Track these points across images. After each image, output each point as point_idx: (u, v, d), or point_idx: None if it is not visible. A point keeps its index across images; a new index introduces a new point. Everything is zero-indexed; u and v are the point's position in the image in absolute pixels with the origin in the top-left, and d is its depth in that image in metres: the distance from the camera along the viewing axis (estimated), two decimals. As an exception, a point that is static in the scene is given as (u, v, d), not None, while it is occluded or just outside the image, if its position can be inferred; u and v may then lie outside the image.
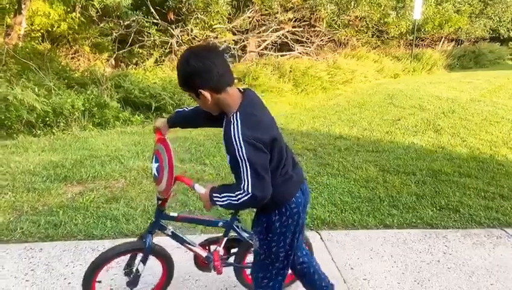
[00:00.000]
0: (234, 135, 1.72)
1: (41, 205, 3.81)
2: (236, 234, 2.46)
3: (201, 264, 2.48)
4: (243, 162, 1.72)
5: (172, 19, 10.37)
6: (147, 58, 10.15)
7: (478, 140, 6.51)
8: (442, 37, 18.63)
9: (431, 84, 11.68)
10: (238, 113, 1.79)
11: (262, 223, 1.99)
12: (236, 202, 1.78)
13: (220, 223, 2.44)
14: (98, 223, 3.51)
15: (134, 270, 2.31)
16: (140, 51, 10.65)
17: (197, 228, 3.45)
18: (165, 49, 10.33)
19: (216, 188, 1.89)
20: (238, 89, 1.91)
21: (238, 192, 1.76)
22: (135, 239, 2.40)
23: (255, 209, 2.05)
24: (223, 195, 1.82)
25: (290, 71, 10.20)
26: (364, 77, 12.27)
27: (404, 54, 15.57)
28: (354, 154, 5.69)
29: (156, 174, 2.19)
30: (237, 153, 1.71)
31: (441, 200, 4.28)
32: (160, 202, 2.23)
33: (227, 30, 10.98)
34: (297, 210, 1.99)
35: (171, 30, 10.25)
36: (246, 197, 1.74)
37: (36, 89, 6.50)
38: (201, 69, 1.75)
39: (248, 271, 2.59)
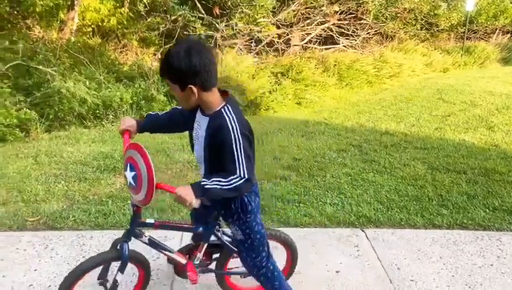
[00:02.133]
0: (232, 126, 1.84)
1: (91, 195, 3.95)
2: (217, 239, 2.37)
3: (182, 271, 2.40)
4: (239, 150, 1.82)
5: (217, 13, 10.43)
6: (192, 53, 10.27)
7: (536, 138, 6.15)
8: (496, 29, 17.65)
9: (483, 79, 11.13)
10: (229, 107, 1.90)
11: (237, 209, 2.09)
12: (227, 186, 1.81)
13: (200, 229, 2.31)
14: (145, 214, 3.59)
15: (112, 280, 2.19)
16: (186, 45, 10.81)
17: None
18: (210, 43, 10.41)
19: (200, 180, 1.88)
20: (218, 89, 1.97)
21: (232, 177, 1.82)
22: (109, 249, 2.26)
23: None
24: (212, 180, 1.82)
25: (335, 65, 10.01)
26: (412, 71, 11.87)
27: (454, 47, 14.89)
28: (401, 151, 5.52)
29: (132, 183, 1.97)
30: (234, 142, 1.82)
31: (494, 201, 4.08)
32: (135, 208, 2.10)
33: (272, 24, 10.92)
34: (258, 187, 2.20)
35: (216, 24, 10.31)
36: (241, 181, 1.82)
37: (87, 83, 6.75)
38: (201, 67, 1.79)
39: (231, 278, 2.57)
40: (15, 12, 9.61)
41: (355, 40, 11.84)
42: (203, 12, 10.07)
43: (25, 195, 3.91)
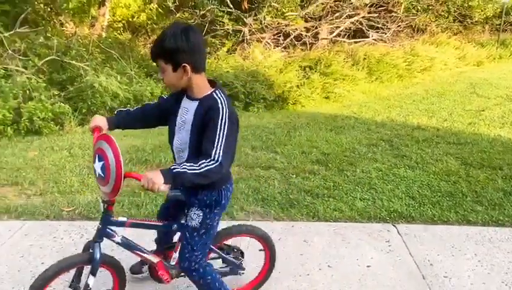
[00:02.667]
0: (223, 107, 1.85)
1: (124, 186, 4.01)
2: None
3: (157, 276, 2.30)
4: (222, 132, 1.80)
5: (246, 7, 10.44)
6: (219, 47, 10.33)
7: None
8: (534, 21, 16.99)
9: (520, 73, 10.76)
10: (220, 91, 1.93)
11: (210, 198, 2.04)
12: (197, 171, 1.75)
13: (174, 227, 2.20)
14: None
15: (83, 285, 2.03)
16: (213, 40, 10.87)
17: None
18: (238, 38, 10.43)
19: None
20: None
21: (203, 160, 1.77)
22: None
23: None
24: (182, 165, 1.77)
25: (364, 58, 9.87)
26: (444, 64, 11.57)
27: (489, 40, 14.44)
28: (434, 146, 5.40)
29: (100, 174, 1.89)
30: (220, 122, 1.81)
31: (532, 198, 3.94)
32: (106, 206, 1.99)
33: (300, 17, 10.84)
34: (233, 186, 2.17)
35: (244, 19, 10.32)
36: (212, 166, 1.76)
37: (119, 77, 6.90)
38: (197, 46, 1.85)
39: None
40: (49, 9, 9.88)
41: (386, 33, 11.62)
42: (231, 6, 10.09)
43: (60, 186, 4.03)
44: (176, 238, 2.33)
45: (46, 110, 5.83)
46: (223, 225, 3.17)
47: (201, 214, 2.05)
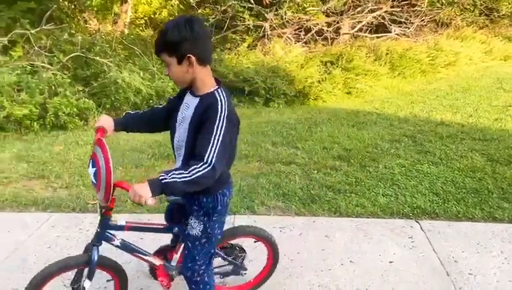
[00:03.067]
0: (222, 108, 1.75)
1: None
2: None
3: (155, 270, 2.30)
4: (218, 134, 1.70)
5: (267, 2, 10.40)
6: (239, 43, 10.34)
7: None
8: None
9: (549, 67, 10.45)
10: (221, 90, 1.83)
11: (207, 205, 1.94)
12: (188, 178, 1.65)
13: (175, 229, 2.17)
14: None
15: (80, 287, 2.00)
16: (234, 36, 10.88)
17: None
18: (258, 33, 10.42)
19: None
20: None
21: (195, 166, 1.66)
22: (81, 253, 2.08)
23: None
24: (171, 174, 1.66)
25: (387, 54, 9.72)
26: (470, 59, 11.30)
27: (516, 33, 14.04)
28: (458, 142, 5.29)
29: (93, 180, 1.86)
30: (217, 123, 1.71)
31: (561, 195, 3.84)
32: (104, 210, 1.95)
33: (321, 12, 10.75)
34: (231, 191, 2.05)
35: (265, 14, 10.29)
36: (204, 171, 1.66)
37: (141, 73, 6.98)
38: (201, 35, 1.76)
39: None
40: (73, 6, 10.07)
41: (409, 28, 11.42)
42: (252, 2, 10.07)
43: (85, 180, 4.11)
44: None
45: (71, 106, 5.95)
46: (243, 220, 3.21)
47: (201, 223, 1.97)
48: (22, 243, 3.02)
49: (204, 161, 1.67)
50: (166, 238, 2.39)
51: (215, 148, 1.68)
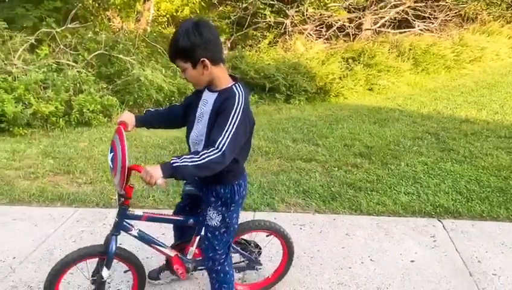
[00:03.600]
0: (239, 101, 1.83)
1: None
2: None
3: (171, 265, 2.33)
4: (232, 123, 1.78)
5: (288, -1, 10.38)
6: (260, 40, 10.34)
7: None
8: None
9: None
10: (239, 85, 1.92)
11: (225, 195, 2.01)
12: (198, 162, 1.72)
13: (191, 221, 2.20)
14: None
15: (98, 276, 2.07)
16: (254, 33, 10.88)
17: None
18: (280, 30, 10.40)
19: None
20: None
21: (205, 151, 1.74)
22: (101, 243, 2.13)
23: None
24: (183, 158, 1.74)
25: (410, 49, 9.59)
26: (496, 55, 11.04)
27: (546, 28, 13.60)
28: (483, 139, 5.19)
29: (110, 164, 1.99)
30: (232, 113, 1.79)
31: None
32: (122, 200, 1.99)
33: (343, 8, 10.65)
34: (247, 183, 2.13)
35: (286, 11, 10.27)
36: (214, 156, 1.73)
37: (163, 71, 7.05)
38: (211, 39, 1.83)
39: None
40: (97, 5, 10.24)
41: (433, 23, 11.20)
42: (274, -1, 10.06)
43: (109, 175, 4.19)
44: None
45: (95, 103, 6.07)
46: (264, 217, 3.22)
47: (219, 213, 2.04)
48: (49, 237, 3.10)
49: (215, 146, 1.74)
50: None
51: (228, 136, 1.76)
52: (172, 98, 6.88)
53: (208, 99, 1.94)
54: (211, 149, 1.74)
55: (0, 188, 3.91)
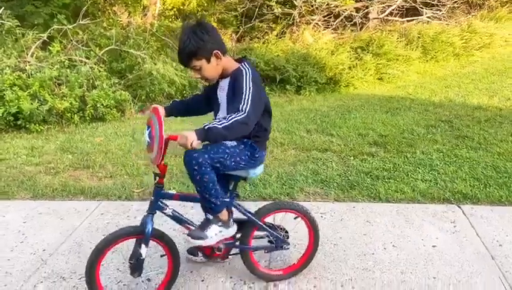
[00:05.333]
0: (246, 73, 2.09)
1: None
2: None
3: (211, 255, 2.46)
4: (247, 92, 2.02)
5: (296, -10, 10.35)
6: (267, 32, 10.33)
7: None
8: None
9: None
10: (245, 63, 2.16)
11: (247, 146, 2.20)
12: (226, 123, 1.92)
13: None
14: (239, 187, 3.74)
15: (136, 255, 2.16)
16: (261, 25, 10.87)
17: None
18: (288, 21, 10.38)
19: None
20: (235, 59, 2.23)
21: (232, 114, 1.96)
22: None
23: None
24: (213, 122, 1.95)
25: (418, 37, 9.54)
26: (505, 41, 10.95)
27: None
28: (497, 126, 5.19)
29: (148, 140, 2.11)
30: (245, 84, 2.04)
31: None
32: (157, 178, 2.13)
33: (350, -3, 10.62)
34: (264, 155, 2.32)
35: (294, 1, 10.25)
36: (239, 117, 1.94)
37: (174, 64, 7.09)
38: (214, 33, 2.09)
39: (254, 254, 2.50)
40: (103, 0, 10.27)
41: (441, 11, 11.14)
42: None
43: (128, 169, 4.26)
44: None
45: (109, 98, 6.12)
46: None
47: (235, 144, 2.17)
48: (75, 230, 3.17)
49: (240, 109, 1.98)
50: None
51: (248, 101, 2.00)
52: (184, 92, 6.93)
53: (224, 85, 2.19)
54: (236, 112, 1.97)
55: (23, 183, 3.99)
